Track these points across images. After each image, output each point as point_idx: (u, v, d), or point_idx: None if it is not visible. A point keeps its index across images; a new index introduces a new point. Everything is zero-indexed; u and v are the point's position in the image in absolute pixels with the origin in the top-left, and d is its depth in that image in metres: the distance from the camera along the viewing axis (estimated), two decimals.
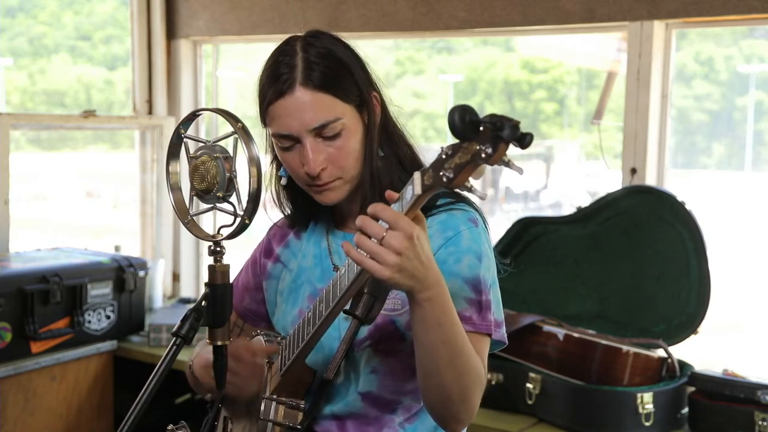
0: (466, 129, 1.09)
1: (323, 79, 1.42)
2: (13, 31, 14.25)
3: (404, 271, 1.20)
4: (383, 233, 1.19)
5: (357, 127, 1.46)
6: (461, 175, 1.12)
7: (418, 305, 1.26)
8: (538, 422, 2.60)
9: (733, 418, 2.44)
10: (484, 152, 1.09)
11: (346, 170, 1.46)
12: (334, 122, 1.42)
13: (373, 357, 1.47)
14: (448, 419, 1.40)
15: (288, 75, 1.42)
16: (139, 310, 3.37)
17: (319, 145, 1.43)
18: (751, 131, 12.91)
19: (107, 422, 3.32)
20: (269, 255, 1.67)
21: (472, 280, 1.41)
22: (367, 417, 1.49)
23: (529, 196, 12.58)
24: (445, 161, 1.14)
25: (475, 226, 1.45)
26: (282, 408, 1.45)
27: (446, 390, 1.33)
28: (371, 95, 1.49)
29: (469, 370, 1.33)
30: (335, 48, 1.46)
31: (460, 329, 1.31)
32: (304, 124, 1.42)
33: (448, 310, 1.28)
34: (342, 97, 1.43)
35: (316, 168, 1.43)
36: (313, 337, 1.39)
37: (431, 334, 1.28)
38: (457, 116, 1.09)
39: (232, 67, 4.97)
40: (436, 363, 1.30)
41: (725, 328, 6.27)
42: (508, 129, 1.07)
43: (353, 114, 1.45)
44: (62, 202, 13.26)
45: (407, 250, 1.19)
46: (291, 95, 1.42)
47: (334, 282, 1.32)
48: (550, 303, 2.85)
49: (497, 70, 15.83)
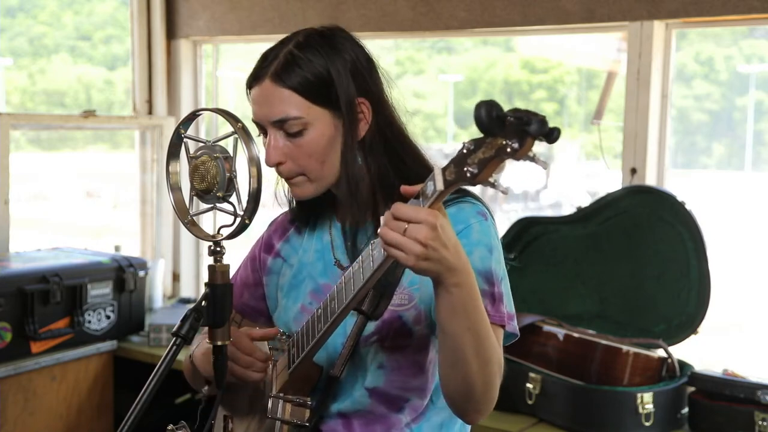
0: (492, 124, 1.08)
1: (296, 82, 1.43)
2: (13, 31, 14.26)
3: (429, 260, 1.20)
4: (405, 227, 1.18)
5: (327, 131, 1.45)
6: (486, 170, 1.11)
7: (446, 291, 1.25)
8: (538, 422, 2.60)
9: (733, 418, 2.44)
10: (510, 146, 1.08)
11: (308, 170, 1.46)
12: (295, 120, 1.43)
13: (380, 353, 1.47)
14: (469, 410, 1.39)
15: (268, 63, 1.45)
16: (139, 310, 3.37)
17: (279, 140, 1.45)
18: (751, 131, 12.92)
19: (107, 422, 3.32)
20: (269, 250, 1.67)
21: (485, 272, 1.40)
22: (373, 414, 1.49)
23: (529, 196, 12.58)
24: (467, 156, 1.13)
25: (484, 219, 1.45)
26: (289, 406, 1.45)
27: (471, 379, 1.33)
28: (357, 103, 1.46)
29: (492, 360, 1.33)
30: (329, 55, 1.45)
31: (485, 317, 1.31)
32: (267, 115, 1.45)
33: (476, 297, 1.28)
34: (313, 100, 1.43)
35: (269, 160, 1.45)
36: (324, 335, 1.39)
37: (458, 320, 1.27)
38: (483, 111, 1.08)
39: (232, 67, 4.97)
40: (462, 351, 1.29)
41: (725, 328, 6.27)
42: (535, 124, 1.06)
43: (326, 118, 1.45)
44: (62, 202, 13.26)
45: (432, 240, 1.18)
46: (261, 84, 1.45)
47: (347, 279, 1.31)
48: (550, 303, 2.85)
49: (497, 70, 15.84)
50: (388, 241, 1.20)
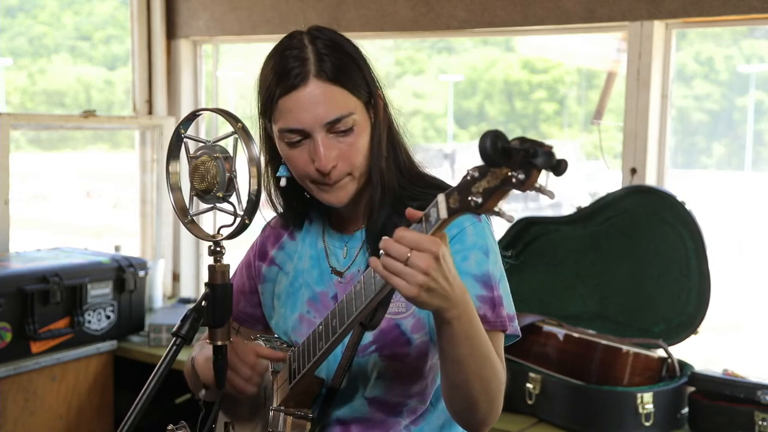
0: (498, 156, 1.05)
1: (335, 71, 1.39)
2: (13, 31, 14.26)
3: (431, 291, 1.18)
4: (407, 254, 1.16)
5: (366, 124, 1.43)
6: (491, 200, 1.08)
7: (446, 323, 1.24)
8: (538, 422, 2.60)
9: (733, 418, 2.44)
10: (515, 178, 1.05)
11: (356, 167, 1.42)
12: (347, 117, 1.39)
13: (379, 362, 1.46)
14: (475, 424, 1.40)
15: (300, 68, 1.38)
16: (139, 310, 3.37)
17: (331, 141, 1.40)
18: (751, 131, 12.92)
19: (107, 422, 3.32)
20: (264, 258, 1.64)
21: (482, 276, 1.40)
22: (372, 421, 1.48)
23: (529, 196, 12.57)
24: (472, 184, 1.10)
25: (478, 221, 1.43)
26: (290, 419, 1.45)
27: (473, 399, 1.33)
28: (377, 93, 1.46)
29: (494, 377, 1.33)
30: (341, 41, 1.45)
31: (486, 338, 1.30)
32: (318, 118, 1.38)
33: (475, 324, 1.27)
34: (353, 91, 1.41)
35: (328, 165, 1.39)
36: (325, 352, 1.37)
37: (460, 348, 1.26)
38: (489, 142, 1.04)
39: (232, 67, 4.98)
40: (465, 375, 1.29)
41: (725, 328, 6.27)
42: (542, 156, 1.02)
43: (362, 110, 1.43)
44: (62, 202, 13.26)
45: (434, 271, 1.16)
46: (304, 88, 1.38)
47: (348, 299, 1.30)
48: (550, 303, 2.85)
49: (497, 70, 15.85)
50: (390, 268, 1.18)
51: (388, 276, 1.18)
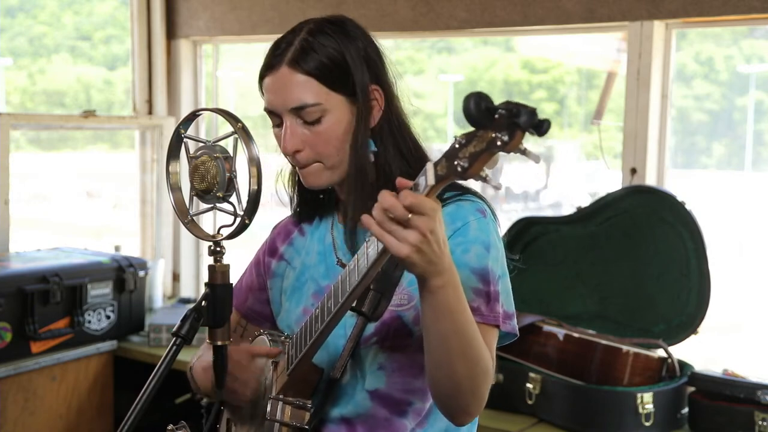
0: (481, 116, 1.07)
1: (313, 66, 1.42)
2: (13, 31, 14.25)
3: (422, 253, 1.17)
4: (407, 216, 1.15)
5: (344, 117, 1.45)
6: (476, 164, 1.09)
7: (430, 292, 1.23)
8: (538, 422, 2.60)
9: (733, 418, 2.44)
10: (500, 140, 1.06)
11: (325, 156, 1.45)
12: (313, 107, 1.42)
13: (380, 354, 1.46)
14: (457, 411, 1.38)
15: (282, 51, 1.44)
16: (139, 310, 3.37)
17: (298, 127, 1.44)
18: (751, 131, 12.90)
19: (107, 422, 3.32)
20: (273, 254, 1.66)
21: (480, 270, 1.39)
22: (376, 419, 1.48)
23: (529, 196, 12.57)
24: (459, 150, 1.11)
25: (483, 216, 1.44)
26: (289, 408, 1.44)
27: (457, 381, 1.32)
28: (371, 90, 1.47)
29: (479, 361, 1.32)
30: (342, 41, 1.46)
31: (471, 319, 1.30)
32: (284, 103, 1.43)
33: (460, 298, 1.26)
34: (330, 85, 1.43)
35: (288, 148, 1.44)
36: (321, 334, 1.37)
37: (443, 322, 1.26)
38: (472, 103, 1.06)
39: (232, 67, 4.97)
40: (448, 353, 1.29)
41: (725, 328, 6.26)
42: (525, 115, 1.04)
43: (342, 104, 1.44)
44: (62, 202, 13.26)
45: (430, 234, 1.16)
46: (277, 71, 1.44)
47: (343, 278, 1.30)
48: (550, 303, 2.85)
49: (497, 70, 15.84)
50: (387, 228, 1.17)
51: (382, 234, 1.17)
